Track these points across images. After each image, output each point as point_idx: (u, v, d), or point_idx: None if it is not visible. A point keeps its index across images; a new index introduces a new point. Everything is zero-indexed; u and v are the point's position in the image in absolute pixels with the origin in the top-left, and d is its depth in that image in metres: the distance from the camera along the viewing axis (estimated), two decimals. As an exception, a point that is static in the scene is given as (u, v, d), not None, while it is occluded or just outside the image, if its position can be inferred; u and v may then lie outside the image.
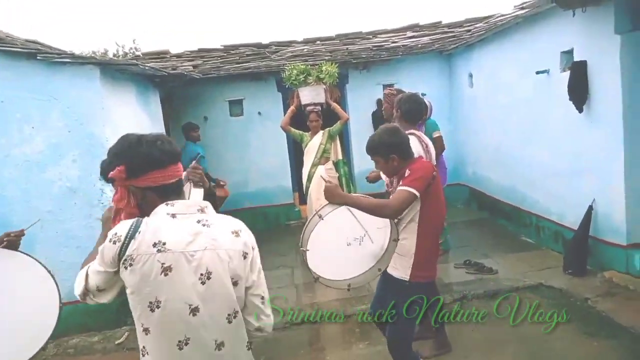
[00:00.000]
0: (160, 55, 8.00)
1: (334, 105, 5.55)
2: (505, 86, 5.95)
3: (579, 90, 4.40)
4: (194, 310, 1.43)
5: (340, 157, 5.52)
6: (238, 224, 1.56)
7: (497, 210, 6.55)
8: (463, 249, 5.49)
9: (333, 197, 2.37)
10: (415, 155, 2.72)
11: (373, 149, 2.58)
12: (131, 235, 1.41)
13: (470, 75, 7.01)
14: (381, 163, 2.59)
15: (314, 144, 5.37)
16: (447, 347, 3.45)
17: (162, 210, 1.47)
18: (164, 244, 1.41)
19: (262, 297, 1.56)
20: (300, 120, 5.73)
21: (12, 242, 2.33)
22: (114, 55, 15.66)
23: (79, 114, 4.23)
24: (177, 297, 1.42)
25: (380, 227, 2.46)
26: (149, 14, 32.42)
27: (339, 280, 2.44)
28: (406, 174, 2.47)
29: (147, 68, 5.15)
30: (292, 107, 5.56)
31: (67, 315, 2.44)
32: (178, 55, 7.99)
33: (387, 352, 2.83)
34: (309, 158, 5.38)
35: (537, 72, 5.06)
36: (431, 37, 7.74)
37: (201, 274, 1.43)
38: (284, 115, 5.89)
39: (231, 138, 7.49)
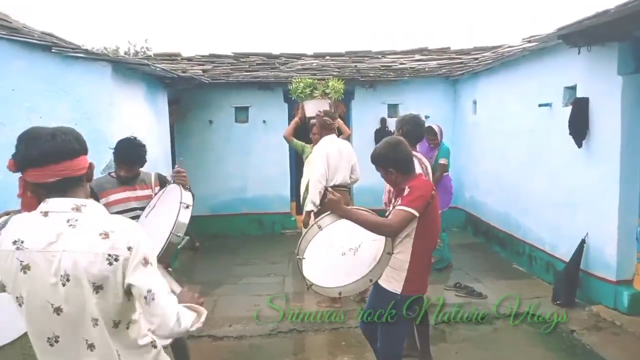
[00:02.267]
0: (172, 57, 8.11)
1: (338, 120, 5.63)
2: (508, 115, 6.04)
3: (580, 125, 4.49)
4: (57, 310, 1.41)
5: (340, 171, 5.56)
6: (112, 225, 1.45)
7: (492, 236, 6.60)
8: (455, 272, 5.53)
9: (335, 211, 2.45)
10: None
11: (374, 159, 2.69)
12: None
13: (475, 102, 7.11)
14: (381, 172, 2.69)
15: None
16: (431, 367, 3.47)
17: (39, 207, 1.46)
18: (22, 242, 1.40)
19: (146, 297, 1.43)
20: (303, 132, 5.80)
21: None
22: (125, 53, 15.83)
23: (87, 108, 4.29)
24: (38, 296, 1.41)
25: (375, 240, 2.51)
26: (162, 14, 32.79)
27: (331, 288, 2.48)
28: (405, 192, 2.53)
29: (158, 69, 5.23)
30: (296, 119, 5.65)
31: None
32: (189, 59, 8.11)
33: (370, 367, 2.87)
34: (308, 169, 5.43)
35: (540, 105, 5.16)
36: (439, 61, 7.87)
37: (61, 276, 1.39)
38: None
39: (234, 143, 7.56)
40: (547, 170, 5.16)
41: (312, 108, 5.51)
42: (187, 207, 2.63)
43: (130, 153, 2.98)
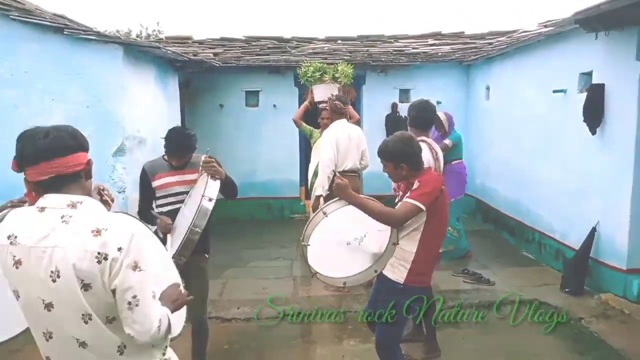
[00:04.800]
0: (183, 40, 8.10)
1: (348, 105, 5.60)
2: (522, 101, 5.95)
3: (594, 112, 4.41)
4: (48, 306, 1.41)
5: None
6: (107, 223, 1.40)
7: (501, 223, 6.57)
8: (463, 258, 5.52)
9: (342, 195, 2.45)
10: (425, 164, 2.76)
11: (385, 154, 2.61)
12: None
13: (488, 88, 7.02)
14: (390, 168, 2.63)
15: (323, 141, 5.42)
16: (437, 352, 3.49)
17: (37, 202, 1.46)
18: (16, 237, 1.40)
19: (130, 303, 1.38)
20: (313, 116, 5.79)
21: None
22: (137, 36, 15.83)
23: (99, 90, 4.32)
24: (30, 291, 1.42)
25: (380, 230, 2.50)
26: (174, -2, 32.56)
27: (336, 278, 2.49)
28: (414, 186, 2.50)
29: (169, 52, 5.23)
30: (305, 103, 5.64)
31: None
32: (200, 42, 8.08)
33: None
34: (316, 154, 5.43)
35: (554, 91, 5.07)
36: (452, 46, 7.76)
37: (51, 272, 1.37)
38: (299, 109, 5.96)
39: (244, 127, 7.57)
40: (560, 157, 5.10)
41: (321, 92, 5.49)
42: (210, 200, 2.63)
43: (180, 143, 2.96)
